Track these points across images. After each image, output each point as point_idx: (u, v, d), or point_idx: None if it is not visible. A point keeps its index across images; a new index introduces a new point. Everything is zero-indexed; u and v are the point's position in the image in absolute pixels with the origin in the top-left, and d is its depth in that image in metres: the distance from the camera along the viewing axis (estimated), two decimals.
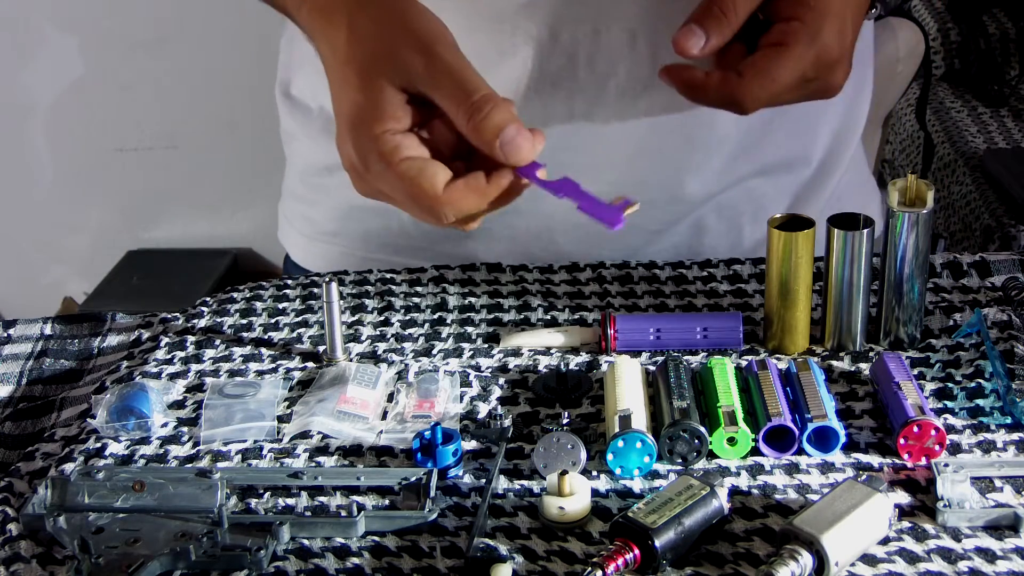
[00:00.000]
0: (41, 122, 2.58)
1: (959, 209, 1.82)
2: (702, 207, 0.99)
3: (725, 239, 1.01)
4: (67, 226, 2.66)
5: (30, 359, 0.90)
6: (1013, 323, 0.84)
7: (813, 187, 1.03)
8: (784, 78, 0.77)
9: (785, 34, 0.77)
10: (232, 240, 2.66)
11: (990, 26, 2.07)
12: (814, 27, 0.77)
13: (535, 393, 0.80)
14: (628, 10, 0.90)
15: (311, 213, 1.08)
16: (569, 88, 0.91)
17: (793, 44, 0.76)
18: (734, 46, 0.78)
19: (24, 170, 2.61)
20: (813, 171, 1.03)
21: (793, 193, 1.03)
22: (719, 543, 0.66)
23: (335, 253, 1.06)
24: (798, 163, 1.02)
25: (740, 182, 1.00)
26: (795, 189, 1.03)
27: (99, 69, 2.52)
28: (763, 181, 1.01)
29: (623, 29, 0.90)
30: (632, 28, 0.90)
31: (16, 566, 0.66)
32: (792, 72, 0.77)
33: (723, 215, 1.01)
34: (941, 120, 1.98)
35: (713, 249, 1.01)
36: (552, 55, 0.90)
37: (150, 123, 2.56)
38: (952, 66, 2.09)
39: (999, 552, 0.64)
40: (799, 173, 1.02)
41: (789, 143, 1.00)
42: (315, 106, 1.03)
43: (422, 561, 0.66)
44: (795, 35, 0.77)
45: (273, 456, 0.75)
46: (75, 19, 2.49)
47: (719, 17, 0.76)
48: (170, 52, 2.49)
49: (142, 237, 2.67)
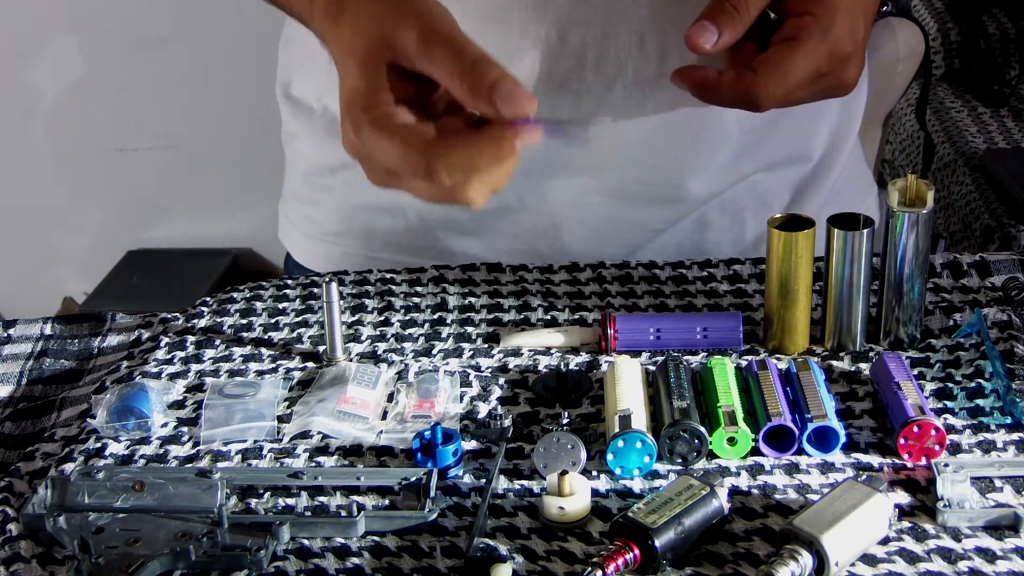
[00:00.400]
0: (41, 122, 2.58)
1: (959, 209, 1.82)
2: (706, 204, 1.00)
3: (728, 234, 1.02)
4: (67, 226, 2.66)
5: (30, 359, 0.90)
6: (1013, 323, 0.84)
7: (814, 181, 1.03)
8: (798, 73, 0.77)
9: (798, 29, 0.77)
10: (232, 240, 2.66)
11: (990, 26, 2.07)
12: (826, 21, 0.77)
13: (535, 393, 0.80)
14: (636, 12, 0.90)
15: (314, 213, 1.08)
16: (576, 90, 0.91)
17: (806, 39, 0.77)
18: (746, 44, 0.79)
19: (24, 170, 2.61)
20: (814, 166, 1.03)
21: (794, 187, 1.03)
22: (719, 543, 0.66)
23: (337, 253, 1.06)
24: (799, 159, 1.02)
25: (743, 178, 1.00)
26: (796, 183, 1.03)
27: (99, 69, 2.52)
28: (766, 176, 1.01)
29: (632, 31, 0.90)
30: (640, 30, 0.90)
31: (16, 566, 0.66)
32: (806, 67, 0.77)
33: (726, 210, 1.01)
34: (941, 120, 1.98)
35: (717, 244, 1.01)
36: (560, 57, 0.90)
37: (150, 123, 2.56)
38: (952, 66, 2.09)
39: (999, 552, 0.64)
40: (800, 168, 1.03)
41: (791, 140, 1.00)
42: (318, 107, 1.03)
43: (422, 561, 0.66)
44: (807, 30, 0.77)
45: (273, 456, 0.75)
46: (75, 19, 2.49)
47: (731, 13, 0.76)
48: (170, 52, 2.49)
49: (142, 237, 2.67)
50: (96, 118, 2.55)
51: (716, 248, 1.00)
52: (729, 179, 0.99)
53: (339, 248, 1.06)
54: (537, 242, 1.00)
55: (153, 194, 2.63)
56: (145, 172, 2.60)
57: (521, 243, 1.00)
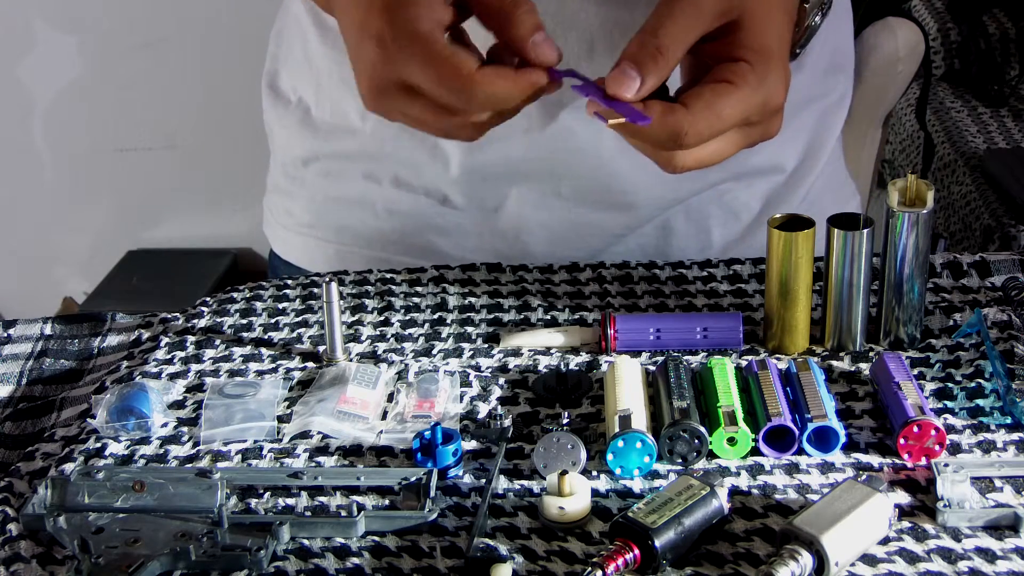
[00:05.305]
0: (41, 122, 2.58)
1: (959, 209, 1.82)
2: (668, 210, 1.00)
3: (694, 241, 1.01)
4: (67, 226, 2.66)
5: (30, 359, 0.90)
6: (1013, 323, 0.84)
7: (785, 192, 1.03)
8: (730, 117, 0.72)
9: (733, 73, 0.72)
10: (232, 240, 2.66)
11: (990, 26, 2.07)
12: (761, 70, 0.73)
13: (535, 393, 0.80)
14: (585, 19, 0.89)
15: (291, 206, 1.09)
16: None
17: (742, 84, 0.72)
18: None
19: (24, 170, 2.61)
20: (787, 177, 1.03)
21: (765, 197, 1.02)
22: (719, 543, 0.66)
23: (312, 245, 1.08)
24: (771, 170, 1.02)
25: (710, 187, 1.00)
26: (767, 194, 1.02)
27: (99, 69, 2.52)
28: (735, 185, 1.01)
29: (580, 38, 0.90)
30: (589, 37, 0.90)
31: (16, 566, 0.66)
32: (739, 112, 0.72)
33: (691, 217, 1.01)
34: (941, 120, 1.98)
35: (682, 251, 1.01)
36: None
37: (150, 123, 2.56)
38: (952, 66, 2.09)
39: (999, 552, 0.64)
40: (772, 179, 1.02)
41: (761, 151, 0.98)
42: (294, 98, 1.04)
43: (422, 561, 0.66)
44: (743, 76, 0.72)
45: (273, 456, 0.75)
46: (75, 19, 2.48)
47: (654, 55, 0.70)
48: (170, 52, 2.48)
49: (142, 237, 2.67)
50: (96, 118, 2.55)
51: (681, 255, 1.00)
52: (692, 187, 0.98)
53: (313, 241, 1.07)
54: (500, 243, 1.01)
55: (153, 194, 2.63)
56: (145, 172, 2.60)
57: (485, 243, 1.01)
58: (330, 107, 1.01)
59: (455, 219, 1.01)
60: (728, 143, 0.75)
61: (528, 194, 0.99)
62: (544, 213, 0.99)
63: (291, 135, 1.05)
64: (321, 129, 1.02)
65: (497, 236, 1.01)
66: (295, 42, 1.04)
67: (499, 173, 0.98)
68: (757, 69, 0.72)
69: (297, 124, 1.04)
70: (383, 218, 1.03)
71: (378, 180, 1.02)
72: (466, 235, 1.02)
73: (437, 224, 1.02)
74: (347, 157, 1.02)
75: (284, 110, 1.05)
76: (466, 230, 1.01)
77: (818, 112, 1.03)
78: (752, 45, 0.73)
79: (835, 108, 1.05)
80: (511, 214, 1.00)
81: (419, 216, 1.02)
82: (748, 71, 0.72)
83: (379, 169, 1.01)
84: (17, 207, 2.64)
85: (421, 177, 1.00)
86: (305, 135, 1.03)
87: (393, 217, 1.03)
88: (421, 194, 1.01)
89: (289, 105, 1.04)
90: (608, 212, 0.99)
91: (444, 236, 1.02)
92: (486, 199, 1.00)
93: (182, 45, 2.48)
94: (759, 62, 0.73)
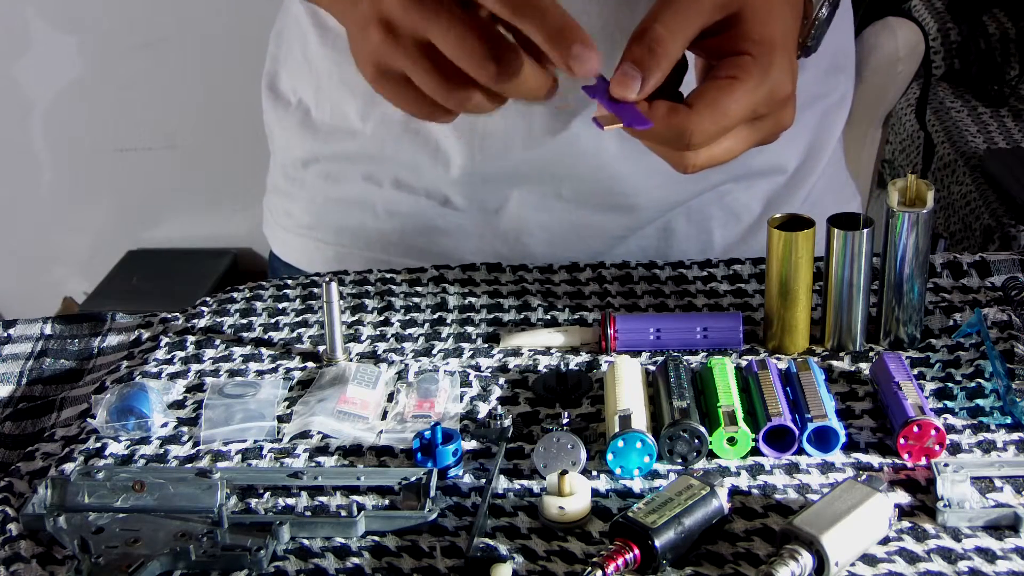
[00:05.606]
0: (41, 122, 2.58)
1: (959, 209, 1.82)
2: (669, 212, 1.00)
3: (695, 242, 1.01)
4: (67, 226, 2.66)
5: (30, 359, 0.90)
6: (1013, 323, 0.84)
7: (787, 193, 1.03)
8: (736, 112, 0.71)
9: (736, 67, 0.71)
10: (232, 240, 2.66)
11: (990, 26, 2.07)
12: (765, 61, 0.72)
13: (535, 393, 0.80)
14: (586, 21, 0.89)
15: (291, 207, 1.09)
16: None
17: (745, 78, 0.71)
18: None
19: (24, 170, 2.61)
20: (788, 178, 1.03)
21: (766, 198, 1.02)
22: (719, 543, 0.66)
23: (312, 247, 1.08)
24: (772, 171, 1.02)
25: (711, 188, 0.99)
26: (768, 195, 1.02)
27: (99, 69, 2.52)
28: (735, 186, 1.01)
29: None
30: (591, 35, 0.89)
31: (16, 566, 0.66)
32: (745, 105, 0.71)
33: (692, 219, 1.01)
34: (941, 120, 1.98)
35: (683, 253, 1.01)
36: None
37: (150, 123, 2.56)
38: (952, 66, 2.09)
39: (999, 552, 0.64)
40: (773, 180, 1.02)
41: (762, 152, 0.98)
42: (294, 99, 1.04)
43: (422, 561, 0.66)
44: (747, 69, 0.71)
45: (273, 456, 0.75)
46: (75, 19, 2.48)
47: (652, 48, 0.69)
48: (170, 52, 2.48)
49: (142, 237, 2.67)
50: (96, 118, 2.55)
51: (682, 256, 1.00)
52: (693, 188, 0.98)
53: (312, 242, 1.07)
54: (500, 245, 1.01)
55: (153, 194, 2.63)
56: (145, 172, 2.60)
57: (486, 244, 1.01)
58: (330, 108, 1.01)
59: (456, 221, 1.01)
60: (739, 139, 0.74)
61: (529, 196, 0.99)
62: (545, 215, 0.99)
63: (291, 136, 1.05)
64: (321, 130, 1.02)
65: (498, 238, 1.01)
66: (295, 43, 1.04)
67: (500, 175, 0.98)
68: (760, 61, 0.72)
69: (297, 125, 1.04)
70: (383, 220, 1.03)
71: (378, 182, 1.02)
72: (467, 237, 1.02)
73: (438, 226, 1.02)
74: (347, 159, 1.02)
75: (284, 111, 1.05)
76: (467, 232, 1.01)
77: (819, 112, 1.03)
78: (754, 37, 0.72)
79: (836, 108, 1.05)
80: (512, 216, 1.00)
81: (419, 218, 1.02)
82: (751, 64, 0.72)
83: (379, 171, 1.01)
84: (17, 207, 2.64)
85: (422, 179, 1.00)
86: (305, 136, 1.04)
87: (393, 219, 1.03)
88: (422, 196, 1.01)
89: (289, 106, 1.04)
90: (609, 214, 0.99)
91: (445, 238, 1.02)
92: (487, 201, 1.00)
93: (182, 45, 2.48)
94: (762, 53, 0.72)
